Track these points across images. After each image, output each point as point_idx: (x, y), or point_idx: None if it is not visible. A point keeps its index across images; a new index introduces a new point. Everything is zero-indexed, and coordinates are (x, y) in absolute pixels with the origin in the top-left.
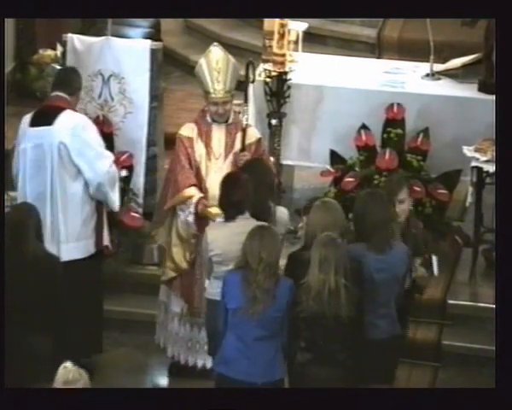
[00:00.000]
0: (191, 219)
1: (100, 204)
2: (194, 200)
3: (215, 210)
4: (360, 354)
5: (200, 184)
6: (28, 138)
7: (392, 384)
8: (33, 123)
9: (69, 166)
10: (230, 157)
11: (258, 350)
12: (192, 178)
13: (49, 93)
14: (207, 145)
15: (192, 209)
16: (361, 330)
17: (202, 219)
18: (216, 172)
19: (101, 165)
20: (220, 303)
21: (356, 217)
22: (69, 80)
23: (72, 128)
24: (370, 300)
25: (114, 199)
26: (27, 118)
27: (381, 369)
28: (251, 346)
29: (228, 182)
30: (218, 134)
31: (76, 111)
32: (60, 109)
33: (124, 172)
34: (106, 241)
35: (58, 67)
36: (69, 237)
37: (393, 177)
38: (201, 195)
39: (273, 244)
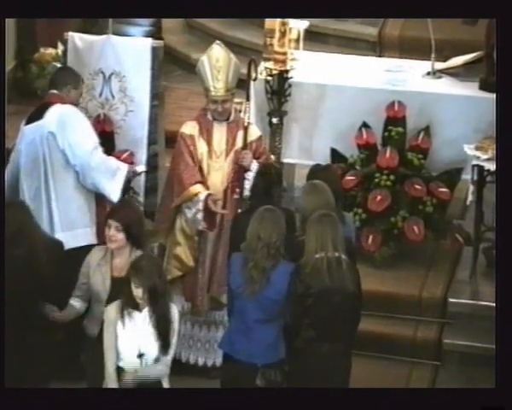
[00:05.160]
0: (200, 216)
1: (100, 197)
2: (202, 197)
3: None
4: None
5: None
6: (22, 137)
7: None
8: (27, 121)
9: (59, 154)
10: (232, 155)
11: (258, 332)
12: (197, 176)
13: None
14: (209, 143)
15: (201, 206)
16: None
17: (211, 216)
18: (217, 170)
19: (82, 148)
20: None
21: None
22: (58, 77)
23: (58, 117)
24: None
25: (111, 188)
26: (24, 120)
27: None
28: (251, 328)
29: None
30: (220, 132)
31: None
32: (51, 104)
33: (140, 168)
34: None
35: (59, 66)
36: (64, 226)
37: None
38: (208, 191)
39: (273, 225)
